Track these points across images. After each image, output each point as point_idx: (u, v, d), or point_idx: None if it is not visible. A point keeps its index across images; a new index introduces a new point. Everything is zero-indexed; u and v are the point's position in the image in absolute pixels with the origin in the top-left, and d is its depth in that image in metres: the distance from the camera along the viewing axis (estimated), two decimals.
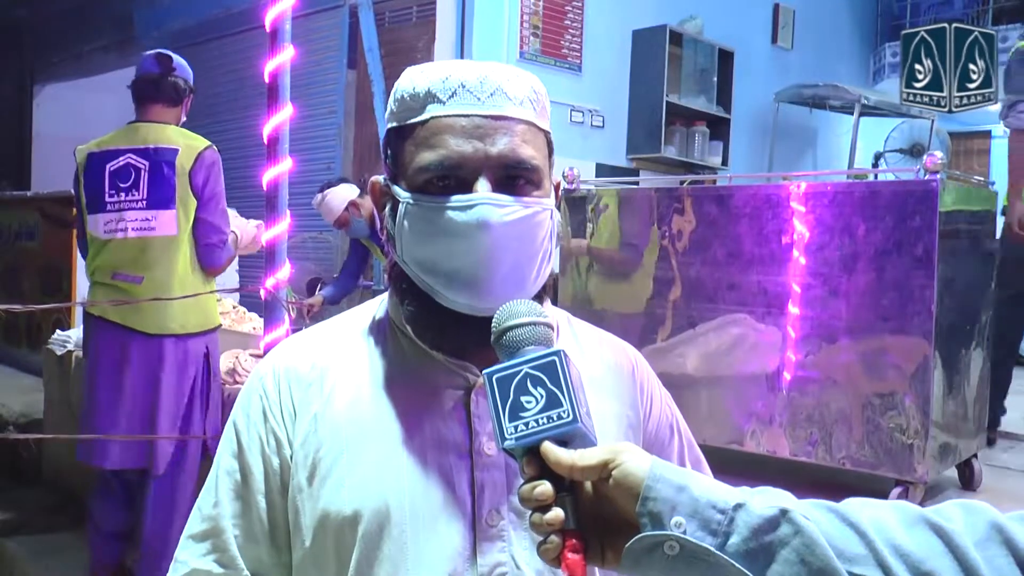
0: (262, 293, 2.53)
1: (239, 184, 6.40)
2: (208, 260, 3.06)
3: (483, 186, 0.94)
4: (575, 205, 4.11)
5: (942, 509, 0.75)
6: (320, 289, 5.27)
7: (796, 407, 3.39)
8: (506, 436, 0.80)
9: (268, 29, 2.45)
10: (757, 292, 3.50)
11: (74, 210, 3.27)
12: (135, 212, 3.01)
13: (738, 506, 0.73)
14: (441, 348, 1.00)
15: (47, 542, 3.77)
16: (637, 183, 5.59)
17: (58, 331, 4.32)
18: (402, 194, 0.98)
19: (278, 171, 2.49)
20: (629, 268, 3.92)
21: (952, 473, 3.57)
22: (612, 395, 1.07)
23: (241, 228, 3.31)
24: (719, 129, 7.13)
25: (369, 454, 0.97)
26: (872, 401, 3.23)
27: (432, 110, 0.96)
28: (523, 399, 0.80)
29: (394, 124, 1.01)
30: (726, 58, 7.15)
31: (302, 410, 1.00)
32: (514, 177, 0.96)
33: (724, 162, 7.09)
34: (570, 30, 6.22)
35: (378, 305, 1.10)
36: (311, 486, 0.97)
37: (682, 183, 4.52)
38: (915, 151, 8.01)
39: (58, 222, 5.84)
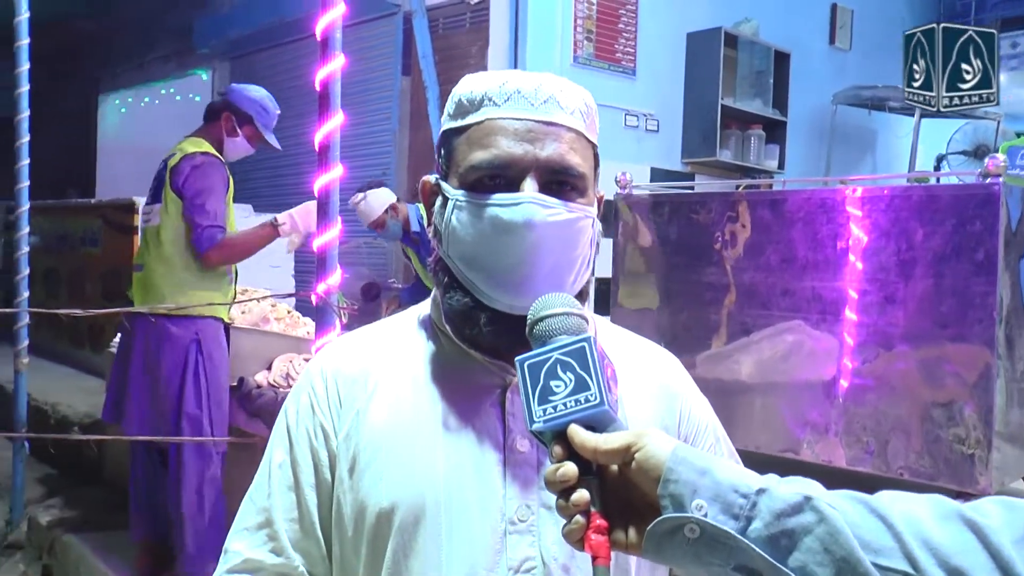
0: (313, 298, 2.56)
1: (293, 191, 6.50)
2: (196, 249, 3.31)
3: (530, 186, 0.97)
4: (629, 210, 4.08)
5: (980, 505, 0.73)
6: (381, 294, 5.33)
7: (852, 416, 3.33)
8: (535, 419, 0.80)
9: (319, 38, 2.49)
10: (812, 298, 3.45)
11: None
12: (146, 207, 3.48)
13: (761, 491, 0.72)
14: (478, 346, 1.02)
15: (109, 539, 3.87)
16: (692, 187, 5.54)
17: (120, 334, 4.42)
18: (451, 191, 1.01)
19: (329, 178, 2.52)
20: (683, 274, 3.88)
21: (1018, 485, 3.47)
22: (648, 400, 1.07)
23: (298, 212, 3.51)
24: (775, 132, 7.01)
25: (407, 449, 1.00)
26: (931, 410, 3.15)
27: (487, 112, 1.00)
28: (552, 383, 0.81)
29: (450, 125, 1.04)
30: (782, 60, 7.03)
31: (347, 404, 1.04)
32: (560, 182, 0.99)
33: (780, 166, 6.97)
34: (624, 34, 6.18)
35: (424, 306, 1.13)
36: (351, 478, 1.01)
37: (737, 187, 4.47)
38: (979, 153, 7.80)
39: (120, 228, 5.98)
